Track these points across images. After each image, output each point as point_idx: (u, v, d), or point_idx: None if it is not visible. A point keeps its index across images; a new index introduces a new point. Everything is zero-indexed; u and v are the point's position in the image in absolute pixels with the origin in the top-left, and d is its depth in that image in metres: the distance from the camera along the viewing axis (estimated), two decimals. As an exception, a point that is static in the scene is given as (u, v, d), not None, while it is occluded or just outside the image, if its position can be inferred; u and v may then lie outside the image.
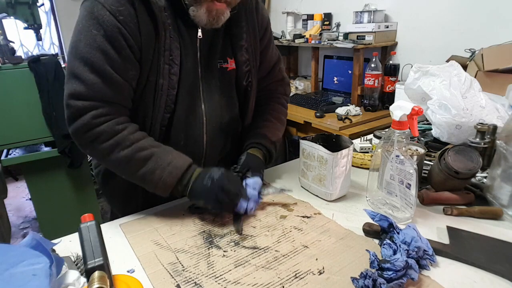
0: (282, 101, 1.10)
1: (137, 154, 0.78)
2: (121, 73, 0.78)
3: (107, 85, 0.77)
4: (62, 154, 1.94)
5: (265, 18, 1.00)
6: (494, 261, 0.65)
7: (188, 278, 0.63)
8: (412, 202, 0.76)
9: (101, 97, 0.77)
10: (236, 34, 0.93)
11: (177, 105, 0.87)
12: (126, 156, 0.78)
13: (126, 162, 0.79)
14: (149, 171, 0.79)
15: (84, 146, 0.80)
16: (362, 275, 0.59)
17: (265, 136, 0.99)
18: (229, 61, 0.94)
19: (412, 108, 0.72)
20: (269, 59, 1.05)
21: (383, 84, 2.08)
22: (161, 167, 0.79)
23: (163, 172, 0.79)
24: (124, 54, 0.77)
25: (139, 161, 0.78)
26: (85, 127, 0.76)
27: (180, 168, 0.80)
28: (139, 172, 0.79)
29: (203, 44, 0.89)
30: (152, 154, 0.79)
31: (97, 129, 0.77)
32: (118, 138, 0.78)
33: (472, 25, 1.81)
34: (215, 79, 0.93)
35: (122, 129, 0.79)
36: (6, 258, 0.53)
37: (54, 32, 3.27)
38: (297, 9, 2.83)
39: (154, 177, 0.79)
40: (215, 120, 0.94)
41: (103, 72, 0.76)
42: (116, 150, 0.78)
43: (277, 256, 0.69)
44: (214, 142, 0.96)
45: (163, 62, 0.81)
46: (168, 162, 0.79)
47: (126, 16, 0.76)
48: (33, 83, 1.84)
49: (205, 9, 0.79)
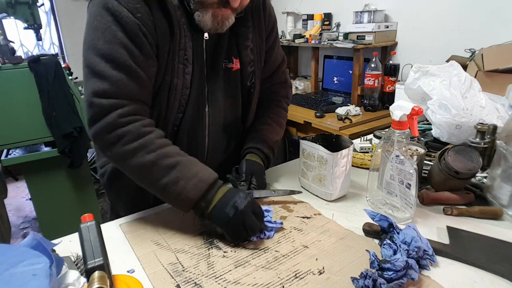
0: (284, 104, 1.09)
1: (162, 161, 0.73)
2: (144, 69, 0.76)
3: (132, 81, 0.74)
4: (62, 154, 1.94)
5: (272, 18, 0.99)
6: (494, 261, 0.65)
7: (188, 278, 0.63)
8: (412, 202, 0.76)
9: (127, 94, 0.74)
10: (242, 34, 0.91)
11: (188, 105, 0.86)
12: (150, 161, 0.72)
13: (148, 168, 0.73)
14: (172, 181, 0.72)
15: (105, 148, 0.75)
16: (362, 275, 0.59)
17: (264, 141, 0.98)
18: (234, 61, 0.93)
19: (412, 108, 0.72)
20: (274, 59, 1.04)
21: (383, 84, 2.08)
22: (186, 177, 0.73)
23: (188, 184, 0.72)
24: (146, 51, 0.75)
25: (163, 168, 0.73)
26: (110, 127, 0.72)
27: (206, 181, 0.74)
28: (161, 181, 0.73)
29: (209, 45, 0.88)
30: (177, 162, 0.74)
31: (123, 129, 0.72)
32: (143, 141, 0.73)
33: (472, 25, 1.81)
34: (220, 80, 0.92)
35: (149, 132, 0.75)
36: (6, 258, 0.53)
37: (54, 32, 3.27)
38: (297, 9, 2.84)
39: (176, 188, 0.72)
40: (217, 121, 0.94)
41: (128, 68, 0.73)
42: (140, 153, 0.72)
43: (277, 256, 0.69)
44: (216, 143, 0.95)
45: (177, 62, 0.80)
46: (194, 174, 0.74)
47: (143, 14, 0.74)
48: (33, 83, 1.84)
49: (210, 14, 0.78)
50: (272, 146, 1.00)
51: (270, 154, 0.99)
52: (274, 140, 1.01)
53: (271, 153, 0.99)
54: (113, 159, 0.78)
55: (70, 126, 1.89)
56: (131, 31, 0.73)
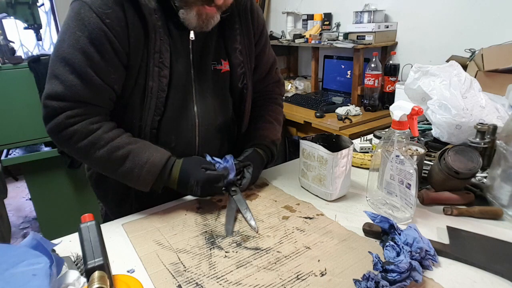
0: (279, 101, 1.12)
1: (114, 154, 0.79)
2: (102, 76, 0.77)
3: (86, 86, 0.76)
4: (62, 154, 1.94)
5: (261, 21, 1.00)
6: (494, 261, 0.65)
7: (190, 279, 0.63)
8: (412, 202, 0.76)
9: (78, 98, 0.77)
10: (230, 36, 0.92)
11: (167, 107, 0.86)
12: (102, 157, 0.78)
13: (103, 162, 0.80)
14: (127, 170, 0.80)
15: (60, 146, 0.81)
16: (364, 277, 0.59)
17: (267, 137, 1.01)
18: (223, 63, 0.94)
19: (412, 108, 0.72)
20: (266, 61, 1.06)
21: (383, 84, 2.08)
22: (139, 165, 0.80)
23: (142, 171, 0.80)
24: (107, 57, 0.77)
25: (116, 160, 0.79)
26: (59, 127, 0.77)
27: (157, 165, 0.81)
28: (118, 171, 0.80)
29: (196, 46, 0.88)
30: (128, 152, 0.80)
31: (71, 128, 0.77)
32: (92, 138, 0.78)
33: (472, 25, 1.81)
34: (208, 81, 0.93)
35: (97, 128, 0.79)
36: (6, 258, 0.53)
37: (54, 32, 3.27)
38: (297, 9, 2.83)
39: (133, 176, 0.80)
40: (208, 122, 0.94)
41: (83, 74, 0.75)
42: (92, 150, 0.78)
43: (279, 257, 0.69)
44: (207, 144, 0.96)
45: (152, 65, 0.81)
46: (145, 160, 0.80)
47: (113, 19, 0.75)
48: (33, 83, 1.84)
49: (195, 12, 0.78)
50: (276, 143, 1.03)
51: (274, 150, 1.02)
52: (277, 137, 1.04)
53: (274, 149, 1.03)
54: (72, 155, 0.83)
55: (70, 126, 1.89)
56: (95, 38, 0.75)
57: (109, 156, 0.78)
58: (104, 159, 0.79)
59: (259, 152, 0.98)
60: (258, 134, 1.01)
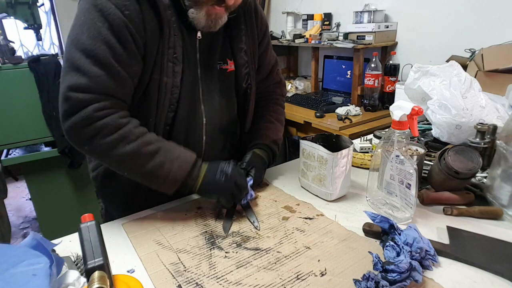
0: (281, 102, 1.13)
1: (144, 148, 0.76)
2: (125, 67, 0.75)
3: (110, 78, 0.74)
4: (62, 154, 1.94)
5: (264, 22, 1.01)
6: (494, 261, 0.65)
7: (190, 279, 0.63)
8: (412, 202, 0.76)
9: (104, 91, 0.73)
10: (236, 36, 0.93)
11: (180, 104, 0.86)
12: (132, 150, 0.75)
13: (132, 157, 0.75)
14: (157, 165, 0.76)
15: (82, 143, 0.75)
16: (364, 277, 0.59)
17: (269, 137, 1.01)
18: (229, 63, 0.95)
19: (412, 108, 0.72)
20: (268, 62, 1.06)
21: (383, 84, 2.08)
22: (170, 160, 0.77)
23: (172, 166, 0.77)
24: (130, 49, 0.75)
25: (146, 155, 0.76)
26: (86, 121, 0.72)
27: (189, 161, 0.79)
28: (147, 167, 0.76)
29: (203, 45, 0.89)
30: (159, 148, 0.77)
31: (100, 122, 0.73)
32: (122, 132, 0.74)
33: (472, 25, 1.81)
34: (214, 80, 0.93)
35: (126, 122, 0.76)
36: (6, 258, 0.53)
37: (54, 32, 3.27)
38: (297, 9, 2.83)
39: (162, 172, 0.77)
40: (214, 121, 0.94)
41: (108, 65, 0.73)
42: (121, 144, 0.74)
43: (279, 257, 0.69)
44: (213, 143, 0.96)
45: (167, 60, 0.80)
46: (176, 156, 0.79)
47: (131, 11, 0.74)
48: (33, 83, 1.84)
49: (204, 12, 0.79)
50: (278, 142, 1.04)
51: (275, 149, 1.02)
52: (278, 136, 1.04)
53: (276, 148, 1.03)
54: (93, 152, 0.77)
55: (70, 126, 1.89)
56: (116, 29, 0.73)
57: (140, 150, 0.75)
58: (134, 153, 0.75)
59: (259, 153, 0.97)
60: (260, 134, 1.02)
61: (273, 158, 1.03)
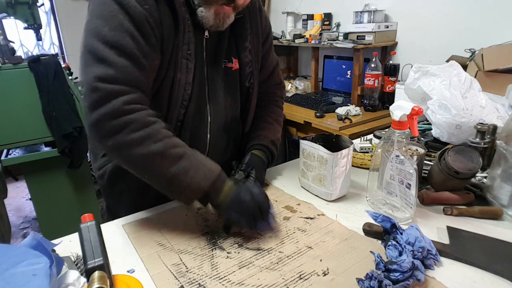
0: (280, 104, 1.13)
1: (170, 150, 0.72)
2: (148, 60, 0.74)
3: (137, 69, 0.72)
4: (62, 154, 1.93)
5: (268, 23, 1.02)
6: (494, 261, 0.65)
7: (192, 279, 0.63)
8: (412, 202, 0.76)
9: (131, 81, 0.71)
10: (241, 35, 0.93)
11: (191, 101, 0.86)
12: (158, 150, 0.70)
13: (156, 157, 0.71)
14: (181, 170, 0.71)
15: (107, 136, 0.70)
16: (367, 276, 0.59)
17: (267, 138, 1.01)
18: (234, 61, 0.95)
19: (412, 108, 0.72)
20: (270, 63, 1.07)
21: (383, 84, 2.08)
22: (195, 167, 0.73)
23: (197, 173, 0.72)
24: (151, 42, 0.74)
25: (172, 157, 0.71)
26: (114, 113, 0.69)
27: (215, 171, 0.75)
28: (171, 170, 0.71)
29: (209, 44, 0.89)
30: (185, 152, 0.74)
31: (129, 116, 0.69)
32: (150, 130, 0.71)
33: (472, 25, 1.81)
34: (220, 79, 0.94)
35: (154, 121, 0.73)
36: (6, 258, 0.53)
37: (54, 32, 3.27)
38: (297, 9, 2.83)
39: (186, 178, 0.72)
40: (219, 120, 0.94)
41: (133, 56, 0.71)
42: (146, 142, 0.70)
43: (281, 257, 0.69)
44: (216, 143, 0.96)
45: (181, 57, 0.80)
46: (202, 163, 0.75)
47: (150, 6, 0.74)
48: (33, 83, 1.84)
49: (213, 11, 0.79)
50: (276, 143, 1.03)
51: (274, 150, 1.02)
52: (277, 137, 1.04)
53: (275, 149, 1.03)
54: (115, 148, 0.72)
55: (70, 126, 1.89)
56: (138, 21, 0.72)
57: (165, 150, 0.71)
58: (159, 153, 0.71)
59: (258, 154, 0.97)
60: (258, 134, 1.02)
61: (272, 159, 1.03)
